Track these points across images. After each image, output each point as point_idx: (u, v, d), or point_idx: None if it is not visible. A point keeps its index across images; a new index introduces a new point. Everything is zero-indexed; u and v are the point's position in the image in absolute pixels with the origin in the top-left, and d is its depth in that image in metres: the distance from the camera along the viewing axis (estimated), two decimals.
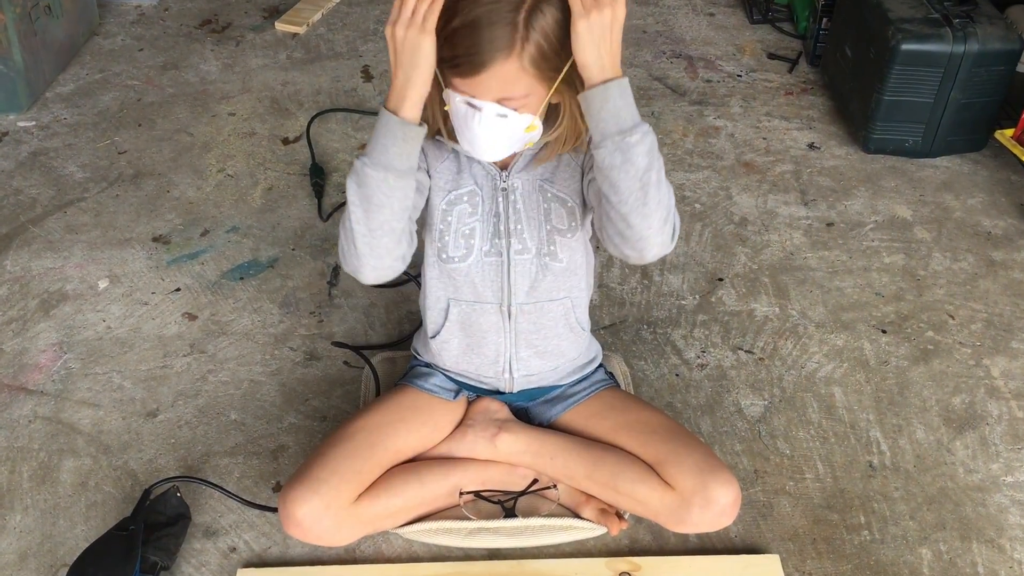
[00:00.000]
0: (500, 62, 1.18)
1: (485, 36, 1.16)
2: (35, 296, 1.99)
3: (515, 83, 1.21)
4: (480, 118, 1.24)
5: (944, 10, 2.26)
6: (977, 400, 1.78)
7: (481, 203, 1.42)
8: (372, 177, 1.25)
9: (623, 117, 1.19)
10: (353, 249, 1.30)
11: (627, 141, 1.20)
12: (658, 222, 1.25)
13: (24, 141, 2.44)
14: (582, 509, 1.52)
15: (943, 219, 2.20)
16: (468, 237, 1.43)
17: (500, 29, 1.17)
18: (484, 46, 1.17)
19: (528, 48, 1.18)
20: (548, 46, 1.20)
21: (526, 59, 1.19)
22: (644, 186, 1.22)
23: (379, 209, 1.27)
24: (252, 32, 2.89)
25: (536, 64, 1.20)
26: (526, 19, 1.17)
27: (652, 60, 2.76)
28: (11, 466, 1.66)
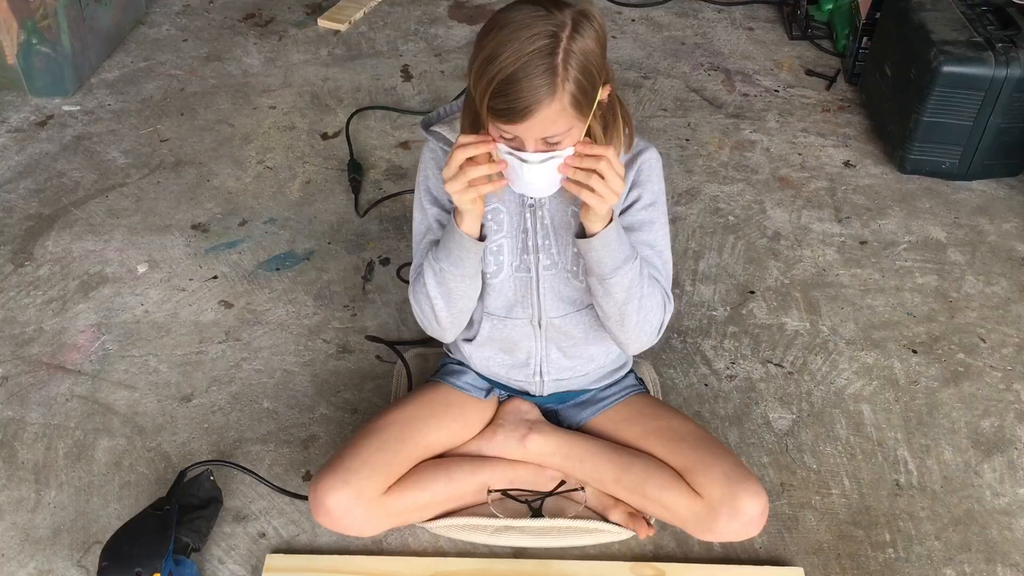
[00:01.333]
0: (544, 108, 1.20)
1: (526, 86, 1.18)
2: (75, 277, 2.03)
3: (558, 122, 1.23)
4: (526, 167, 1.27)
5: (987, 34, 2.26)
6: (1006, 424, 1.78)
7: (507, 220, 1.44)
8: (453, 281, 1.41)
9: (604, 264, 1.35)
10: (438, 326, 1.48)
11: (607, 283, 1.37)
12: (635, 337, 1.44)
13: (69, 125, 2.47)
14: (610, 512, 1.53)
15: (977, 242, 2.20)
16: (497, 254, 1.45)
17: (540, 78, 1.19)
18: (527, 96, 1.19)
19: (568, 87, 1.20)
20: (586, 79, 1.22)
21: (567, 99, 1.21)
22: (622, 314, 1.40)
23: (460, 299, 1.44)
24: (295, 27, 2.92)
25: (576, 102, 1.22)
26: (564, 61, 1.19)
27: (690, 72, 2.77)
28: (47, 443, 1.69)
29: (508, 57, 1.18)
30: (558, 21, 1.19)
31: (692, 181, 2.36)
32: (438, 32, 2.92)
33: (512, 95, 1.18)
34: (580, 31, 1.20)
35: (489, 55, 1.19)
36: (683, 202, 2.28)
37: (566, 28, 1.19)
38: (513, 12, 1.21)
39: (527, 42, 1.18)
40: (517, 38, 1.18)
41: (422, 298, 1.44)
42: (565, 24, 1.19)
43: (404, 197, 2.27)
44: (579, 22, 1.20)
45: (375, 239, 2.16)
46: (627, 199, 1.44)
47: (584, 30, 1.21)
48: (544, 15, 1.19)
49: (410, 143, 2.45)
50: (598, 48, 1.23)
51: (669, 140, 2.49)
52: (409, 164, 2.39)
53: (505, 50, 1.18)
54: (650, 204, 1.44)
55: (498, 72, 1.18)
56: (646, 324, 1.41)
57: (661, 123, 2.55)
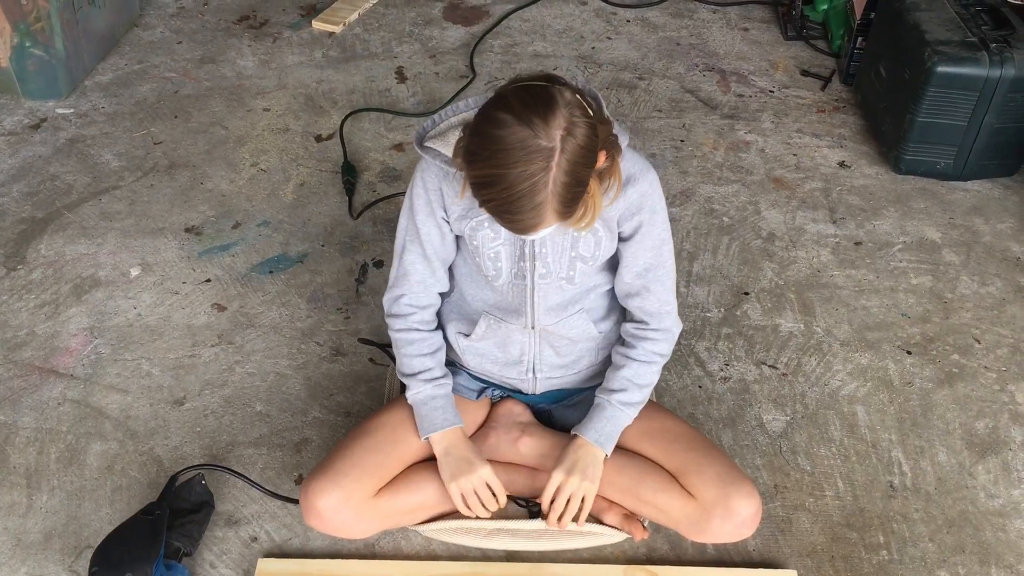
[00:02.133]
0: (545, 222, 1.24)
1: (523, 210, 1.21)
2: (68, 281, 2.02)
3: (557, 220, 1.26)
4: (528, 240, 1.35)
5: (982, 34, 2.26)
6: (1001, 425, 1.77)
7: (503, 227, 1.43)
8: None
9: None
10: None
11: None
12: None
13: (62, 128, 2.47)
14: (604, 515, 1.53)
15: (972, 243, 2.19)
16: (495, 260, 1.45)
17: (535, 202, 1.20)
18: (525, 221, 1.23)
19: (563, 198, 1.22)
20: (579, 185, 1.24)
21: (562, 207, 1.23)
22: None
23: None
24: (289, 29, 2.92)
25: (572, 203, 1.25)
26: (555, 182, 1.20)
27: (685, 72, 2.77)
28: (39, 447, 1.69)
29: (504, 188, 1.20)
30: (547, 143, 1.18)
31: (687, 182, 2.35)
32: (433, 34, 2.92)
33: (510, 220, 1.24)
34: (570, 147, 1.20)
35: (484, 177, 1.21)
36: (678, 203, 2.28)
37: (556, 150, 1.18)
38: (505, 133, 1.18)
39: (520, 173, 1.18)
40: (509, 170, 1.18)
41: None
42: (554, 143, 1.18)
43: (398, 199, 2.26)
44: (569, 136, 1.19)
45: (369, 241, 2.15)
46: (623, 225, 1.43)
47: (575, 142, 1.20)
48: (534, 137, 1.18)
49: (404, 145, 2.45)
50: (587, 154, 1.22)
51: (664, 141, 2.49)
52: (403, 166, 2.38)
53: (499, 181, 1.20)
54: (653, 227, 1.44)
55: (493, 200, 1.22)
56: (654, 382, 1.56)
57: (656, 124, 2.55)
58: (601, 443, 1.48)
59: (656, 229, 1.44)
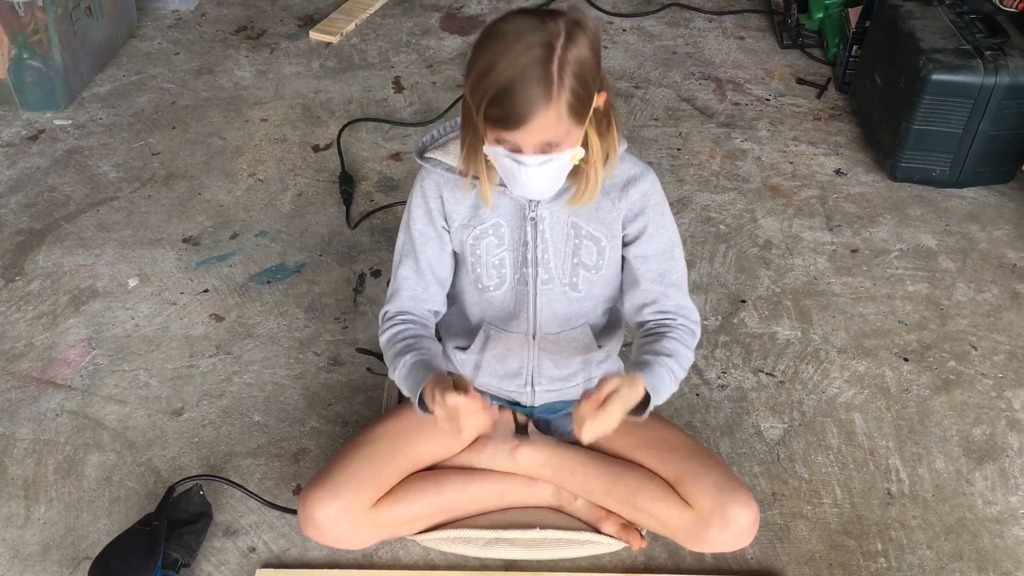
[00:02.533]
0: (541, 114, 1.22)
1: (522, 96, 1.20)
2: (66, 292, 2.02)
3: (555, 128, 1.24)
4: (525, 170, 1.28)
5: (976, 42, 2.27)
6: (998, 432, 1.78)
7: (508, 233, 1.44)
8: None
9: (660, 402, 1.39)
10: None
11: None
12: None
13: (60, 139, 2.48)
14: (602, 524, 1.53)
15: (968, 250, 2.20)
16: (499, 267, 1.45)
17: (536, 87, 1.20)
18: (524, 105, 1.20)
19: (564, 95, 1.21)
20: (581, 87, 1.23)
21: (563, 107, 1.22)
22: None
23: None
24: (286, 40, 2.93)
25: (573, 109, 1.23)
26: (559, 70, 1.20)
27: (681, 81, 2.77)
28: (37, 458, 1.69)
29: (504, 67, 1.19)
30: (552, 30, 1.20)
31: (683, 190, 2.36)
32: (430, 43, 2.93)
33: (508, 104, 1.20)
34: (574, 39, 1.21)
35: (485, 66, 1.21)
36: (675, 211, 2.26)
37: (560, 37, 1.20)
38: (507, 23, 1.23)
39: (522, 52, 1.19)
40: (512, 49, 1.19)
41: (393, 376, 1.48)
42: (559, 33, 1.20)
43: (395, 209, 2.27)
44: (573, 31, 1.21)
45: (366, 251, 2.16)
46: (628, 227, 1.43)
47: (578, 38, 1.22)
48: (539, 25, 1.21)
49: (401, 155, 2.46)
50: (592, 56, 1.24)
51: (660, 149, 2.50)
52: (401, 176, 2.39)
53: (500, 61, 1.19)
54: (662, 228, 1.44)
55: (494, 82, 1.20)
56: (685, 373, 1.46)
57: (652, 133, 2.56)
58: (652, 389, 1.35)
59: (665, 232, 1.44)
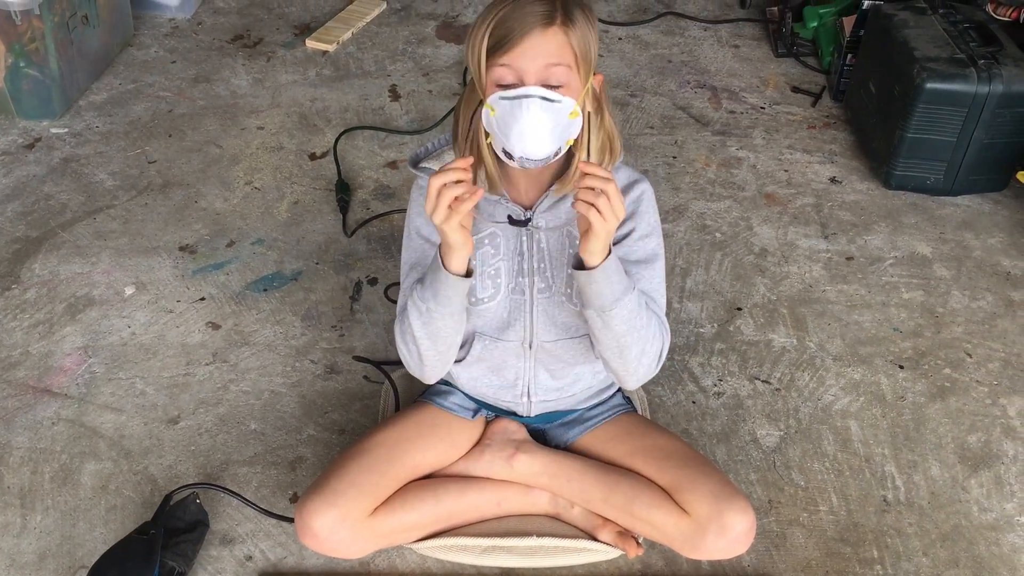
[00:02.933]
0: (542, 29, 1.26)
1: (524, 11, 1.26)
2: (62, 300, 2.02)
3: (559, 52, 1.27)
4: (527, 105, 1.25)
5: (970, 50, 2.28)
6: (993, 439, 1.78)
7: (504, 243, 1.44)
8: (440, 320, 1.39)
9: (605, 295, 1.33)
10: (423, 365, 1.46)
11: (607, 315, 1.35)
12: (634, 369, 1.42)
13: (56, 148, 2.48)
14: (599, 532, 1.53)
15: (963, 257, 2.21)
16: (495, 277, 1.46)
17: (538, 5, 1.27)
18: (527, 18, 1.26)
19: (567, 20, 1.27)
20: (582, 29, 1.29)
21: (567, 30, 1.27)
22: (621, 347, 1.39)
23: (446, 338, 1.42)
24: (283, 48, 2.93)
25: (574, 38, 1.28)
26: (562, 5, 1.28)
27: (676, 89, 2.78)
28: (33, 467, 1.69)
29: (504, 5, 1.26)
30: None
31: (679, 198, 2.37)
32: (426, 52, 2.94)
33: (510, 22, 1.25)
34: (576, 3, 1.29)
35: (485, 13, 1.28)
36: (670, 219, 2.29)
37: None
38: None
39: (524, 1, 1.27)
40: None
41: (408, 339, 1.43)
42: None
43: (392, 217, 2.27)
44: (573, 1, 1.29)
45: (363, 259, 2.16)
46: (620, 230, 1.44)
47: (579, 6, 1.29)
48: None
49: (398, 163, 2.46)
50: (590, 23, 1.30)
51: (656, 158, 2.50)
52: (397, 184, 2.39)
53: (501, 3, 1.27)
54: (646, 236, 1.45)
55: (496, 14, 1.26)
56: (644, 356, 1.40)
57: (648, 141, 2.57)
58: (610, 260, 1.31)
59: (650, 242, 1.44)
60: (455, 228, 1.29)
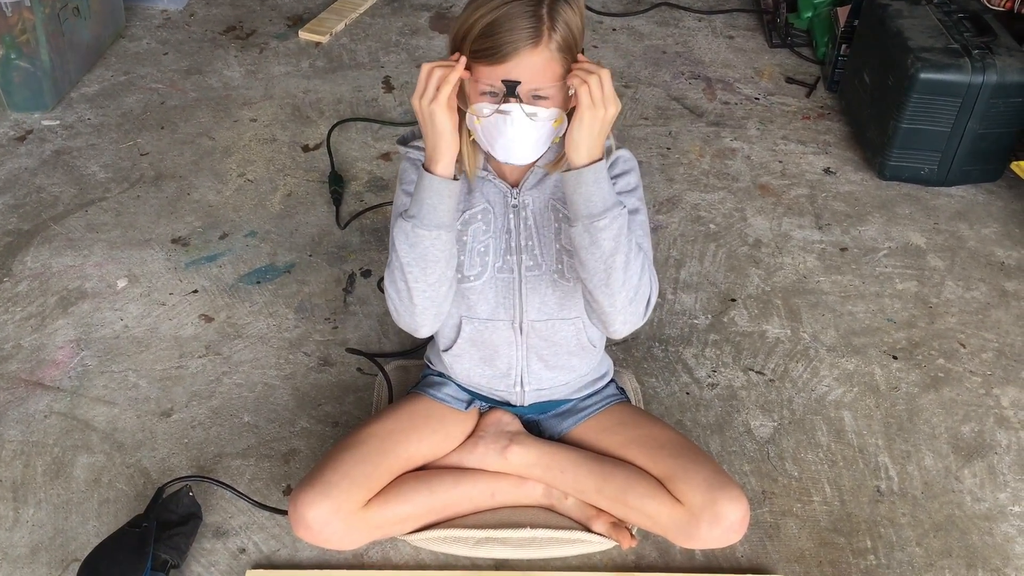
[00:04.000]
0: (531, 49, 1.25)
1: (514, 25, 1.24)
2: (54, 293, 2.02)
3: (545, 72, 1.26)
4: (511, 120, 1.27)
5: (964, 41, 2.28)
6: (986, 429, 1.78)
7: (494, 220, 1.45)
8: (425, 237, 1.33)
9: (594, 201, 1.29)
10: (413, 307, 1.39)
11: (595, 225, 1.29)
12: (622, 301, 1.35)
13: (48, 140, 2.46)
14: (593, 523, 1.53)
15: (957, 248, 2.21)
16: (483, 255, 1.45)
17: (526, 20, 1.24)
18: (516, 34, 1.24)
19: (555, 37, 1.25)
20: (571, 37, 1.27)
21: (553, 48, 1.26)
22: (608, 268, 1.32)
23: (435, 264, 1.35)
24: (276, 40, 2.92)
25: (563, 50, 1.26)
26: (549, 14, 1.25)
27: (671, 80, 2.78)
28: (25, 460, 1.68)
29: (495, 4, 1.24)
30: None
31: (673, 189, 2.36)
32: (419, 43, 2.93)
33: (499, 34, 1.23)
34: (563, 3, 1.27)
35: (476, 6, 1.26)
36: (664, 210, 2.29)
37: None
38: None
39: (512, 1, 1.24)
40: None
41: (396, 274, 1.37)
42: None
43: (385, 208, 2.27)
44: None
45: (356, 251, 2.15)
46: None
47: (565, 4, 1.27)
48: None
49: (391, 154, 2.45)
50: (579, 17, 1.29)
51: (651, 148, 2.50)
52: (390, 175, 2.38)
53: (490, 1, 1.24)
54: (628, 191, 1.43)
55: (483, 16, 1.24)
56: (631, 287, 1.34)
57: (643, 132, 2.56)
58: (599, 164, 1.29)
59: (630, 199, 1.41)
60: (442, 107, 1.26)
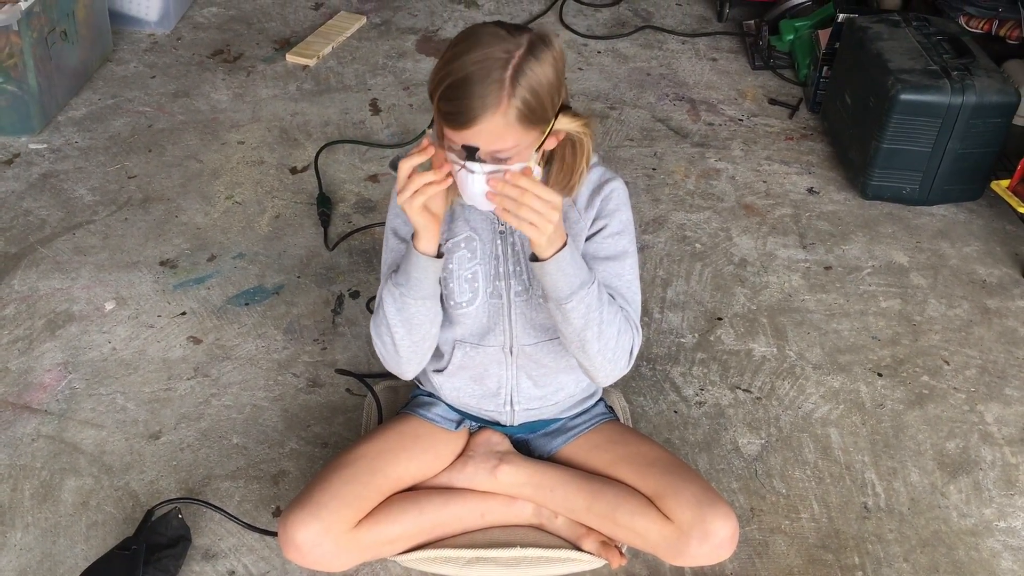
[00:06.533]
0: (488, 117, 1.24)
1: (473, 92, 1.23)
2: (42, 316, 2.01)
3: (503, 137, 1.26)
4: (474, 179, 1.29)
5: (943, 62, 2.32)
6: (971, 445, 1.80)
7: (480, 246, 1.46)
8: (412, 304, 1.40)
9: (560, 287, 1.35)
10: (399, 357, 1.46)
11: (563, 307, 1.36)
12: (600, 362, 1.42)
13: (35, 163, 2.47)
14: (583, 541, 1.53)
15: (939, 266, 2.24)
16: (472, 281, 1.46)
17: (487, 87, 1.23)
18: (474, 103, 1.23)
19: (515, 103, 1.24)
20: (535, 100, 1.25)
21: (512, 115, 1.24)
22: (582, 341, 1.39)
23: (420, 326, 1.43)
24: (263, 63, 2.94)
25: (522, 118, 1.25)
26: (512, 77, 1.23)
27: (655, 102, 2.81)
28: (13, 484, 1.67)
29: (461, 64, 1.24)
30: (515, 43, 1.25)
31: (659, 210, 2.38)
32: (406, 66, 2.95)
33: (459, 100, 1.23)
34: (535, 54, 1.25)
35: (446, 60, 1.26)
36: (650, 230, 2.31)
37: (521, 48, 1.25)
38: (477, 29, 1.28)
39: (481, 55, 1.24)
40: (473, 50, 1.24)
41: (383, 329, 1.43)
42: (521, 45, 1.25)
43: (373, 230, 2.28)
44: (536, 45, 1.26)
45: (345, 272, 2.16)
46: (592, 228, 1.45)
47: (540, 54, 1.26)
48: (504, 35, 1.26)
49: (379, 176, 2.47)
50: (553, 74, 1.27)
51: (636, 170, 2.52)
52: (378, 197, 2.40)
53: (460, 58, 1.24)
54: (616, 233, 1.45)
55: (449, 75, 1.24)
56: (608, 351, 1.40)
57: (628, 153, 2.59)
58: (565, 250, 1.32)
59: (621, 240, 1.44)
60: (417, 211, 1.31)
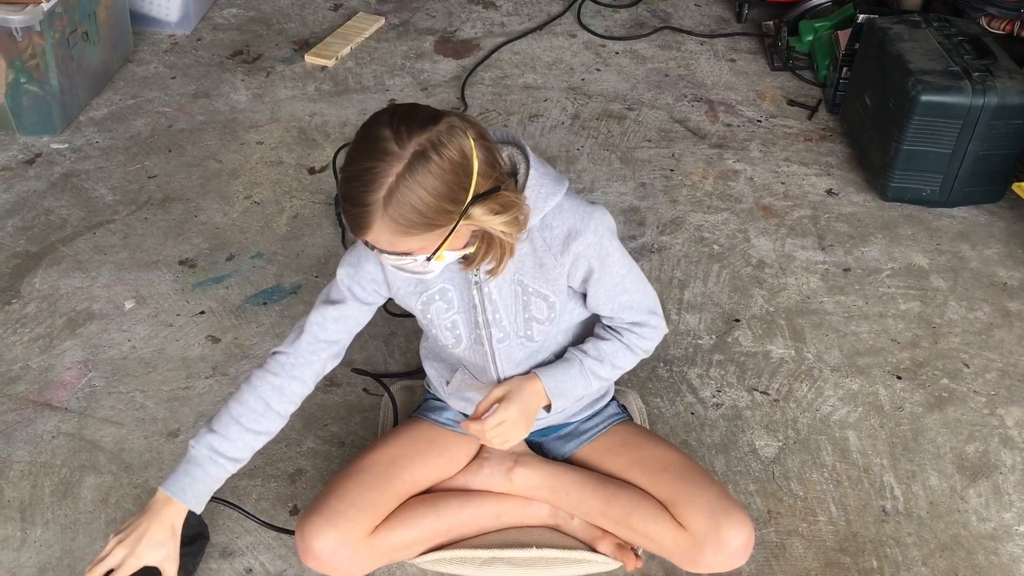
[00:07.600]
0: (372, 232, 1.21)
1: (351, 211, 1.22)
2: (62, 314, 2.03)
3: (394, 244, 1.23)
4: (384, 263, 1.33)
5: (964, 63, 2.30)
6: (991, 449, 1.79)
7: (456, 298, 1.44)
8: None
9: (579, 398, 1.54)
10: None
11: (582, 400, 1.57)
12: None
13: (57, 163, 2.49)
14: (598, 543, 1.53)
15: (959, 268, 2.22)
16: (453, 329, 1.46)
17: (363, 208, 1.19)
18: (356, 219, 1.21)
19: (392, 223, 1.20)
20: (417, 216, 1.20)
21: (395, 230, 1.20)
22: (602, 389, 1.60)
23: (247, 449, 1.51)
24: (282, 64, 2.95)
25: (408, 232, 1.21)
26: (386, 199, 1.18)
27: (673, 103, 2.80)
28: (33, 480, 1.69)
29: (345, 177, 1.21)
30: (397, 158, 1.17)
31: (677, 211, 2.38)
32: (424, 67, 2.95)
33: (345, 210, 1.23)
34: (413, 173, 1.17)
35: (344, 162, 1.24)
36: (668, 232, 2.30)
37: (400, 164, 1.17)
38: (371, 131, 1.20)
39: (359, 170, 1.19)
40: (355, 161, 1.20)
41: None
42: (403, 160, 1.17)
43: None
44: (420, 159, 1.18)
45: None
46: (572, 278, 1.41)
47: (421, 170, 1.18)
48: (388, 150, 1.18)
49: None
50: (441, 185, 1.19)
51: (654, 170, 2.52)
52: None
53: (347, 168, 1.22)
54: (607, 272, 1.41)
55: (340, 181, 1.23)
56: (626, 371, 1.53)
57: (646, 154, 2.58)
58: (553, 394, 1.45)
59: (612, 272, 1.41)
60: None
